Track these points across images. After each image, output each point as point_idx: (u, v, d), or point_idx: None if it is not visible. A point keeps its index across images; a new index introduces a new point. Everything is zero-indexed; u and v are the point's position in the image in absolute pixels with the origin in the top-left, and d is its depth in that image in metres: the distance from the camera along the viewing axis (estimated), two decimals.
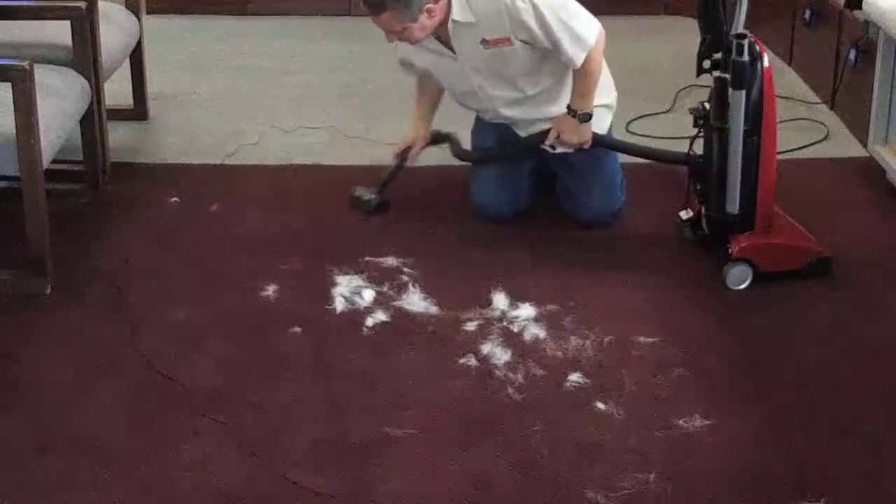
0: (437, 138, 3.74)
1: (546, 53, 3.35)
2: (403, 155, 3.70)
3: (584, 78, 3.37)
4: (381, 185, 3.66)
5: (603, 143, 3.51)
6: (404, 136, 3.73)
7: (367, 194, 3.65)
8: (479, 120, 3.70)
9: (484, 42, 3.34)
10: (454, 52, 3.40)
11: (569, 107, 3.40)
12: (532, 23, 3.26)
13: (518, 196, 3.63)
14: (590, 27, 3.32)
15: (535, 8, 3.24)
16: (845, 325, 3.12)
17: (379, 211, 3.63)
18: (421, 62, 3.55)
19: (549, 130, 3.46)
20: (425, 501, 2.47)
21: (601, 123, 3.51)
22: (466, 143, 3.73)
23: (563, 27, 3.27)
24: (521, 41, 3.32)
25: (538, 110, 3.51)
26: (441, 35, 3.37)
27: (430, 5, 3.25)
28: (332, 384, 2.85)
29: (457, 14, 3.31)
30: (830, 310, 3.19)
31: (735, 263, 3.26)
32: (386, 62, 3.50)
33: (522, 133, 3.59)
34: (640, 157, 3.63)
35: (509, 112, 3.52)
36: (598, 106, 3.45)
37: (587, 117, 3.39)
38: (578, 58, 3.31)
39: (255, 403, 2.77)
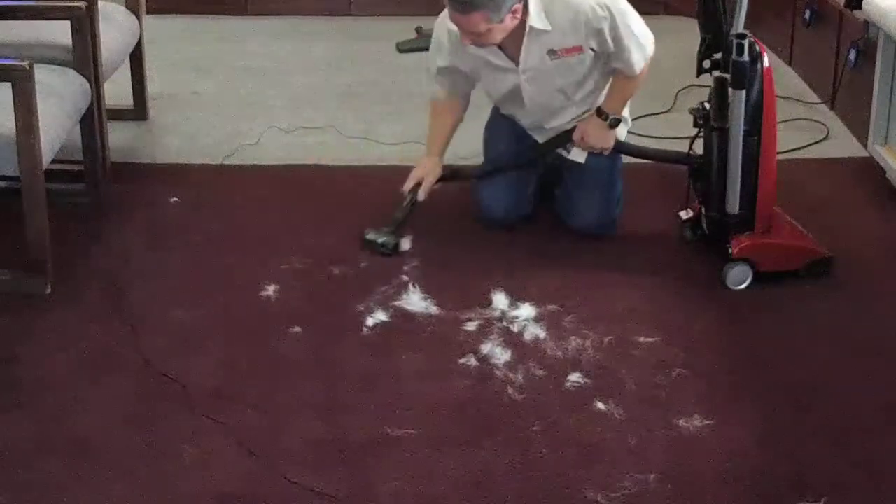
0: (449, 175, 3.57)
1: (601, 60, 3.33)
2: (415, 190, 3.49)
3: (629, 83, 3.37)
4: (395, 226, 3.44)
5: (623, 150, 3.51)
6: (415, 171, 3.54)
7: (381, 236, 3.42)
8: (494, 121, 3.65)
9: (551, 52, 3.30)
10: (515, 62, 3.34)
11: (600, 109, 3.39)
12: (607, 31, 3.24)
13: (524, 200, 3.59)
14: (648, 35, 3.34)
15: (612, 16, 3.23)
16: (845, 325, 3.12)
17: (397, 251, 3.41)
18: (474, 69, 3.45)
19: (568, 133, 3.45)
20: (425, 501, 2.47)
21: (618, 133, 3.49)
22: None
23: (632, 35, 3.28)
24: (592, 49, 3.29)
25: (572, 121, 3.47)
26: (504, 44, 3.30)
27: (517, 5, 3.17)
28: (332, 384, 2.85)
29: (535, 21, 3.24)
30: (830, 310, 3.19)
31: (735, 263, 3.26)
32: (386, 62, 3.49)
33: (541, 139, 3.56)
34: (658, 161, 3.62)
35: (552, 123, 3.49)
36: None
37: (617, 122, 3.40)
38: (640, 65, 3.32)
39: (254, 403, 2.77)
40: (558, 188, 3.62)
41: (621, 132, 3.52)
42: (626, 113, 3.55)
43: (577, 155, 3.49)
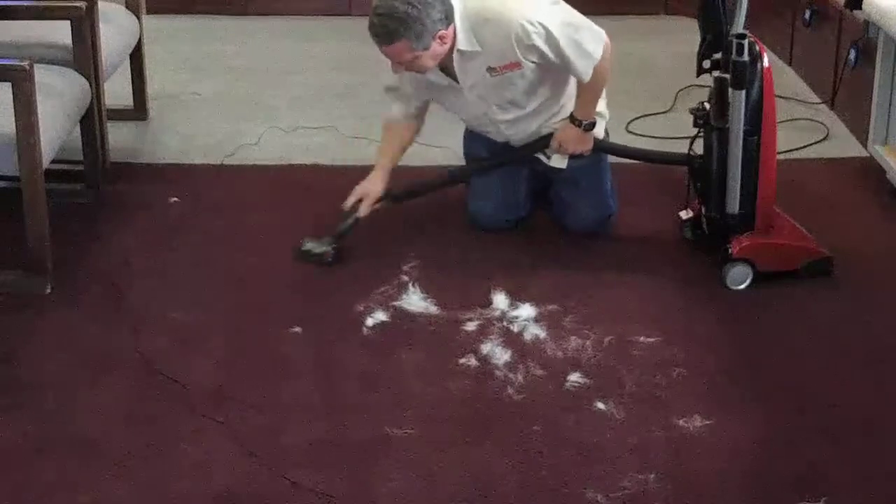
0: (399, 195, 3.52)
1: (550, 68, 3.29)
2: (355, 207, 3.43)
3: (590, 89, 3.32)
4: (335, 238, 3.40)
5: (604, 149, 3.50)
6: (359, 186, 3.46)
7: (320, 247, 3.38)
8: (469, 132, 3.63)
9: (490, 70, 3.27)
10: (457, 81, 3.32)
11: (572, 116, 3.38)
12: (543, 46, 3.19)
13: (513, 205, 3.58)
14: (596, 39, 3.25)
15: (546, 31, 3.18)
16: (845, 325, 3.12)
17: (334, 263, 3.37)
18: (418, 89, 3.45)
19: (547, 138, 3.43)
20: (425, 501, 2.47)
21: (595, 131, 3.48)
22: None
23: (573, 45, 3.21)
24: (532, 62, 3.25)
25: (540, 127, 3.45)
26: (444, 64, 3.29)
27: (443, 31, 3.16)
28: (332, 384, 2.85)
29: (462, 44, 3.22)
30: (830, 310, 3.19)
31: (735, 263, 3.26)
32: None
33: (517, 145, 3.54)
34: (639, 160, 3.63)
35: (512, 132, 3.47)
36: None
37: (591, 126, 3.38)
38: (587, 72, 3.25)
39: (255, 403, 2.77)
40: (551, 193, 3.60)
41: (599, 129, 3.49)
42: (602, 108, 3.50)
43: (558, 161, 3.48)
